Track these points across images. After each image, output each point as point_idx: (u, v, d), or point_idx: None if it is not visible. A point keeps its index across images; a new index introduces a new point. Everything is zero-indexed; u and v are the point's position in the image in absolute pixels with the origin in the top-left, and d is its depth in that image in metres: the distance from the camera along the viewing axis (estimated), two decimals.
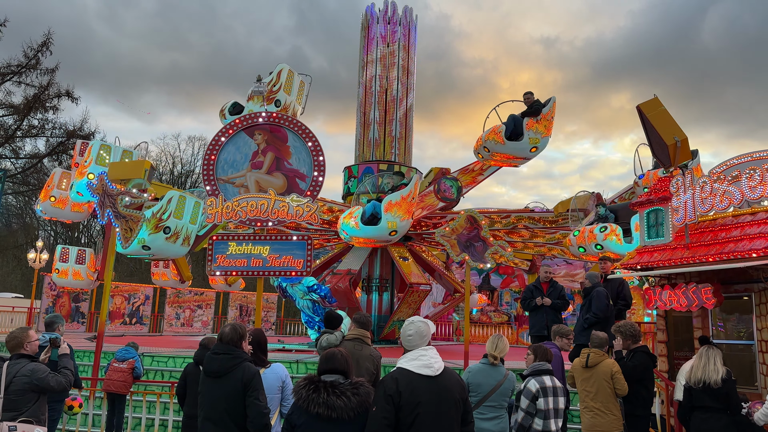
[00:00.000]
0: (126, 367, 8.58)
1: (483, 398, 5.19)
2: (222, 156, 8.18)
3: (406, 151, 18.74)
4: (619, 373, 6.13)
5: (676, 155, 8.52)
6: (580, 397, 6.25)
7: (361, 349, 5.69)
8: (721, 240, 7.17)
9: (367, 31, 19.27)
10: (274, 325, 25.81)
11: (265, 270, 7.57)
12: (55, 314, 7.05)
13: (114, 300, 21.68)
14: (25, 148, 32.09)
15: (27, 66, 29.45)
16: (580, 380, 6.24)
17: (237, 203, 7.74)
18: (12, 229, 33.73)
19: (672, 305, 7.44)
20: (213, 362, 4.44)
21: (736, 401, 5.75)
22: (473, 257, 10.33)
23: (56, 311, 20.25)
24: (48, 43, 29.38)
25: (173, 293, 23.72)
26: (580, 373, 6.25)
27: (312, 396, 3.48)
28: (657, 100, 9.15)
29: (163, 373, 10.79)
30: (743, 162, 7.28)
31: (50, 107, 30.58)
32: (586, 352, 6.29)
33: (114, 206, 9.61)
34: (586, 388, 6.18)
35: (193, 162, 44.05)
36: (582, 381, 6.22)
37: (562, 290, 10.21)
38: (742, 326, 7.44)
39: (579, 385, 6.27)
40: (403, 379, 3.55)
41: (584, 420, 6.15)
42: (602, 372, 6.13)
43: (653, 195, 8.31)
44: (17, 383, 5.02)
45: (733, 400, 5.74)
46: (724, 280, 7.26)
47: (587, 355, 6.23)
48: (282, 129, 8.21)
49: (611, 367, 6.16)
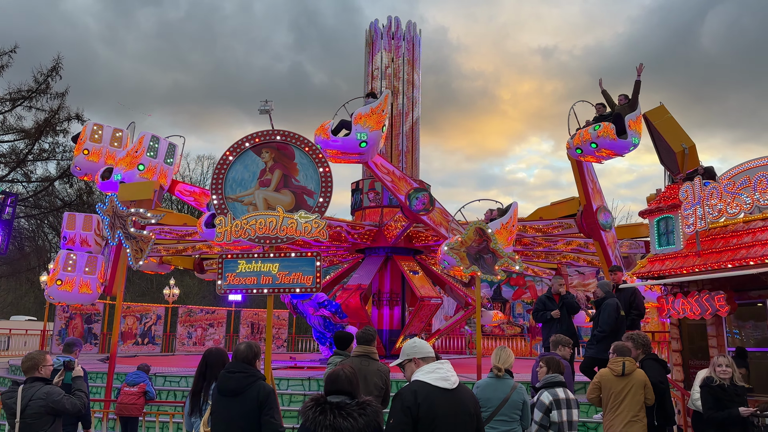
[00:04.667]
0: (137, 391, 8.59)
1: (493, 412, 5.13)
2: (230, 175, 8.22)
3: (413, 164, 18.80)
4: (649, 382, 6.09)
5: (684, 162, 8.49)
6: (611, 406, 6.06)
7: (369, 365, 5.67)
8: (732, 246, 7.11)
9: (371, 46, 19.41)
10: (285, 342, 25.78)
11: (275, 287, 7.56)
12: (75, 338, 7.09)
13: (126, 320, 21.76)
14: (36, 172, 32.44)
15: (37, 91, 29.85)
16: (614, 389, 6.11)
17: (246, 221, 7.76)
18: (24, 252, 33.96)
19: (685, 314, 7.38)
20: (228, 381, 4.43)
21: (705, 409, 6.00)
22: (483, 269, 10.30)
23: (69, 333, 20.35)
24: (57, 67, 29.79)
25: (185, 312, 23.79)
26: (615, 382, 6.10)
27: (319, 418, 3.45)
28: (663, 107, 9.16)
29: (175, 393, 10.80)
30: (752, 168, 7.23)
31: (60, 131, 30.92)
32: (620, 360, 6.17)
33: (124, 227, 9.68)
34: (620, 396, 6.05)
35: (203, 181, 44.29)
36: (617, 390, 6.09)
37: (575, 299, 10.18)
38: (757, 333, 7.36)
39: (612, 394, 6.10)
40: (421, 392, 3.54)
41: (615, 428, 6.01)
42: (637, 380, 6.05)
43: (663, 203, 8.27)
44: (33, 407, 5.03)
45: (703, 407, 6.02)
46: (737, 287, 7.19)
47: (623, 364, 6.13)
48: (289, 146, 8.26)
49: (644, 376, 6.10)
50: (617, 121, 12.46)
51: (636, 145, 12.63)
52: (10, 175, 30.59)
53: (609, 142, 12.31)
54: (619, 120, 12.49)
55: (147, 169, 12.65)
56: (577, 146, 12.79)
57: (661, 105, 9.23)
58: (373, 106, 12.67)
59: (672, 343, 8.41)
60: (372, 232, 16.81)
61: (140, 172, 12.52)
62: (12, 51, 28.91)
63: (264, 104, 9.63)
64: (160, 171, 12.96)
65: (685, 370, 8.13)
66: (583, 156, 12.94)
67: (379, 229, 17.01)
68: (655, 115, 9.14)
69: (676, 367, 8.18)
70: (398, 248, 17.41)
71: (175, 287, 24.19)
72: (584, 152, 12.76)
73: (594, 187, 14.26)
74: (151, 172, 12.74)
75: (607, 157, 13.01)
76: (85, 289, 13.21)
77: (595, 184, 14.35)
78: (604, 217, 13.86)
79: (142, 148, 12.78)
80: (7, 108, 29.75)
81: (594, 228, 13.88)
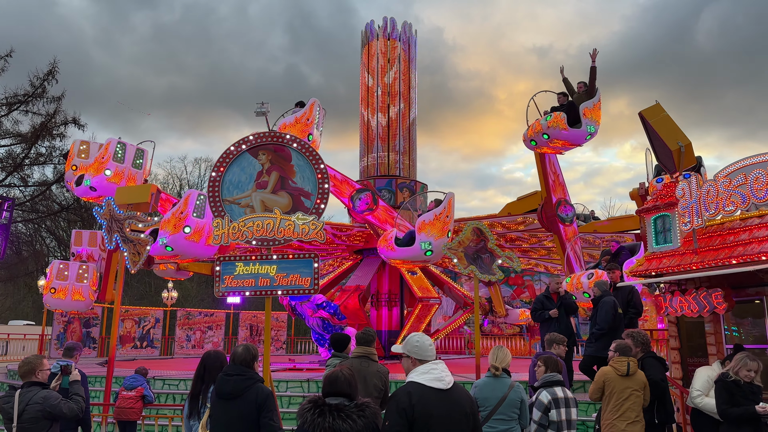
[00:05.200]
0: (135, 395, 8.57)
1: (491, 412, 5.14)
2: (227, 177, 8.21)
3: (410, 165, 18.80)
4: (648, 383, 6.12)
5: (681, 160, 8.50)
6: (613, 405, 6.03)
7: (368, 366, 5.67)
8: (729, 244, 7.12)
9: (367, 47, 19.42)
10: (284, 344, 25.75)
11: (273, 289, 7.55)
12: (74, 342, 7.09)
13: (124, 324, 21.72)
14: (33, 176, 32.37)
15: (33, 95, 29.79)
16: (618, 389, 6.09)
17: (243, 223, 7.75)
18: (22, 256, 33.90)
19: (683, 311, 7.38)
20: (226, 384, 4.42)
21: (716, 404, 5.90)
22: (481, 269, 10.30)
23: (67, 338, 20.31)
24: (54, 71, 29.73)
25: (183, 315, 23.76)
26: (620, 382, 6.08)
27: (317, 420, 3.43)
28: (659, 106, 9.16)
29: (174, 396, 10.78)
30: (748, 165, 7.24)
31: (57, 135, 30.87)
32: (624, 360, 6.16)
33: (121, 231, 9.67)
34: (623, 396, 6.04)
35: (200, 184, 44.26)
36: (620, 389, 6.08)
37: (573, 298, 10.19)
38: (755, 330, 7.37)
39: (615, 393, 6.09)
40: (416, 393, 3.54)
41: (618, 427, 5.99)
42: (640, 381, 6.09)
43: (659, 201, 8.28)
44: (30, 411, 5.02)
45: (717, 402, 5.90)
46: (735, 284, 7.20)
47: (628, 364, 6.12)
48: (286, 148, 8.25)
49: (645, 377, 6.12)
50: (571, 110, 12.39)
51: (593, 134, 12.51)
52: (7, 180, 30.53)
53: (560, 133, 12.26)
54: (573, 109, 12.41)
55: (114, 173, 12.77)
56: (531, 138, 12.76)
57: (657, 103, 9.23)
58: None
59: (670, 341, 8.42)
60: (364, 234, 16.78)
61: (107, 177, 12.67)
62: (8, 55, 28.86)
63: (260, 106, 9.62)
64: (128, 175, 13.08)
65: (684, 367, 8.14)
66: (538, 147, 12.91)
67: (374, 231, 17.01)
68: (651, 114, 9.13)
69: (675, 365, 8.19)
70: None
71: (174, 290, 24.16)
72: (538, 144, 12.72)
73: (556, 180, 14.10)
74: (118, 177, 12.88)
75: (564, 148, 12.96)
76: (77, 296, 14.11)
77: (558, 176, 14.19)
78: (564, 210, 13.66)
79: (108, 154, 12.91)
80: (3, 112, 29.69)
81: (553, 221, 13.75)
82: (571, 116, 12.25)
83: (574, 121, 12.26)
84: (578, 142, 12.74)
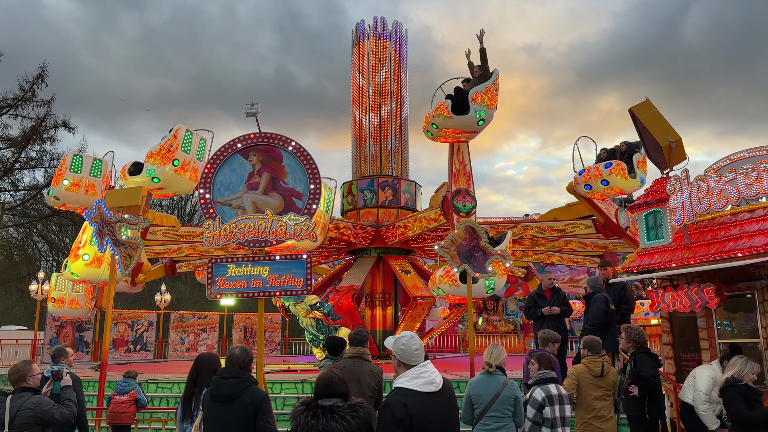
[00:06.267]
0: (127, 399, 8.52)
1: (485, 408, 5.14)
2: (218, 178, 8.17)
3: (402, 164, 18.79)
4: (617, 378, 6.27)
5: (671, 156, 8.52)
6: (587, 404, 6.13)
7: (361, 366, 5.66)
8: (720, 239, 7.15)
9: (358, 47, 19.39)
10: (279, 345, 25.69)
11: (266, 290, 7.52)
12: (58, 347, 7.02)
13: (117, 328, 21.63)
14: (23, 180, 32.20)
15: (23, 98, 29.62)
16: (592, 388, 6.15)
17: (235, 225, 7.72)
18: (14, 261, 33.68)
19: (675, 306, 7.41)
20: (222, 386, 4.39)
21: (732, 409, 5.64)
22: (474, 268, 10.30)
23: (60, 342, 20.20)
24: (43, 75, 29.61)
25: (177, 318, 23.66)
26: (593, 381, 6.16)
27: (311, 422, 3.39)
28: (649, 102, 9.17)
29: (168, 399, 10.73)
30: (738, 160, 7.28)
31: (47, 138, 30.73)
32: (599, 360, 6.24)
33: (113, 234, 9.60)
34: (597, 395, 6.13)
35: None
36: (594, 388, 6.15)
37: (566, 297, 10.18)
38: (748, 325, 7.40)
39: (588, 392, 6.15)
40: (412, 402, 3.46)
41: (594, 425, 6.06)
42: (610, 381, 6.22)
43: (650, 197, 8.30)
44: (21, 417, 4.98)
45: (729, 408, 5.68)
46: (726, 279, 7.23)
47: (602, 365, 6.20)
48: (276, 149, 8.22)
49: (616, 374, 6.26)
50: (459, 96, 12.40)
51: (484, 119, 12.57)
52: None
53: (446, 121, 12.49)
54: (461, 95, 12.42)
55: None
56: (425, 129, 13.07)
57: (647, 99, 9.23)
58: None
59: (663, 336, 8.45)
60: (360, 233, 16.75)
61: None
62: None
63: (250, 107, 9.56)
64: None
65: (677, 362, 8.16)
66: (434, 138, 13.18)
67: (377, 230, 17.00)
68: (640, 110, 9.14)
69: (668, 360, 8.22)
70: (390, 248, 17.41)
71: (167, 293, 24.06)
72: (433, 134, 13.00)
73: (462, 170, 14.00)
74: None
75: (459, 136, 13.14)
76: (75, 305, 15.59)
77: (464, 166, 14.04)
78: (462, 200, 13.28)
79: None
80: None
81: (448, 211, 13.62)
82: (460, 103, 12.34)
83: (462, 108, 12.36)
84: (471, 129, 12.78)
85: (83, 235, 13.15)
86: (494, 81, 12.69)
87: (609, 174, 12.68)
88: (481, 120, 12.60)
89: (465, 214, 12.88)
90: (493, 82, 12.67)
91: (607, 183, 12.66)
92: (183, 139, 12.35)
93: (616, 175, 12.62)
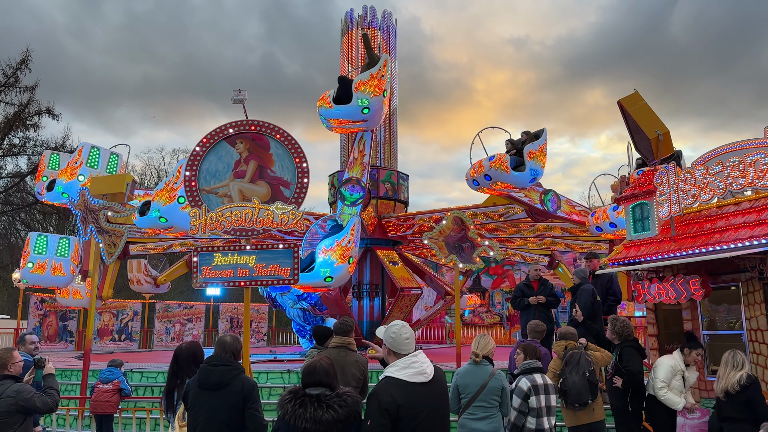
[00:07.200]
0: (111, 388, 8.45)
1: (471, 398, 5.15)
2: (204, 166, 8.10)
3: (391, 155, 18.70)
4: None
5: (659, 149, 8.55)
6: None
7: (346, 356, 5.65)
8: (706, 231, 7.20)
9: (347, 36, 19.24)
10: (265, 335, 25.63)
11: (252, 280, 7.48)
12: (24, 333, 6.91)
13: (102, 317, 21.45)
14: (6, 167, 31.72)
15: (6, 84, 29.16)
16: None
17: (221, 213, 7.65)
18: None
19: (661, 298, 7.45)
20: (212, 374, 4.36)
21: (763, 409, 5.21)
22: (462, 258, 10.30)
23: (44, 331, 20.00)
24: (27, 60, 29.14)
25: (162, 308, 23.50)
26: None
27: (299, 411, 3.37)
28: (638, 94, 9.20)
29: (153, 389, 10.65)
30: (724, 153, 7.30)
31: (31, 125, 30.27)
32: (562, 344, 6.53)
33: (96, 221, 9.49)
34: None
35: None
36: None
37: (553, 288, 10.21)
38: (733, 317, 7.46)
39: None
40: (400, 392, 3.43)
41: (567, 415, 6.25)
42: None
43: (638, 189, 8.33)
44: (2, 405, 4.95)
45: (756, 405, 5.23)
46: (711, 271, 7.28)
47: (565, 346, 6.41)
48: (264, 137, 8.15)
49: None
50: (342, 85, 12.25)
51: (368, 107, 12.17)
52: None
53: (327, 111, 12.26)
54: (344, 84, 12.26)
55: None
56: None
57: (636, 92, 9.26)
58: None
59: (648, 328, 8.51)
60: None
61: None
62: None
63: (237, 93, 9.43)
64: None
65: (662, 354, 8.23)
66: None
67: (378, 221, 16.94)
68: (629, 102, 9.16)
69: (653, 351, 8.28)
70: (377, 239, 17.37)
71: None
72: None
73: (359, 159, 13.73)
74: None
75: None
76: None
77: (363, 156, 13.76)
78: (349, 188, 13.13)
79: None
80: None
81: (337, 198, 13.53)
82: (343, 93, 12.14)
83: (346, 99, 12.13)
84: (358, 118, 12.44)
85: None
86: (380, 67, 12.33)
87: (490, 167, 11.82)
88: (366, 108, 12.08)
89: (350, 203, 12.64)
90: (379, 68, 12.31)
91: (490, 178, 11.84)
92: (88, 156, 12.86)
93: (497, 168, 11.73)
